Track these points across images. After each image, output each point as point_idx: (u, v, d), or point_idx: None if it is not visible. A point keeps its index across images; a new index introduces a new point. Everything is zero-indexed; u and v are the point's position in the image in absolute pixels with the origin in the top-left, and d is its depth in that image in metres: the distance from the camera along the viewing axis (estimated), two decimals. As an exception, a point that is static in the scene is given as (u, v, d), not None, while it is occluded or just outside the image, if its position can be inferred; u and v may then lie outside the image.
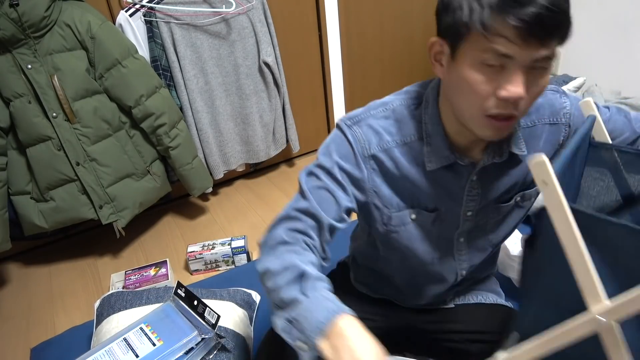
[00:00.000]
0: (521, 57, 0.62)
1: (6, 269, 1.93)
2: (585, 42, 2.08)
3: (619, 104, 1.75)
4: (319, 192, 0.79)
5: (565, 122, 0.84)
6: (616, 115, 0.87)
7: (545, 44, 0.62)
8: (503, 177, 0.84)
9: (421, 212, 0.86)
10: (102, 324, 1.30)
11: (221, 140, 2.12)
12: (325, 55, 2.37)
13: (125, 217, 1.79)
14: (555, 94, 0.85)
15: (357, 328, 0.63)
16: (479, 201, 0.86)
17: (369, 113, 0.82)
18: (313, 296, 0.67)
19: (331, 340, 0.62)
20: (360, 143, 0.80)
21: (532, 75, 0.65)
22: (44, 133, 1.61)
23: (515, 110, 0.67)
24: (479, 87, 0.66)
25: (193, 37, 1.90)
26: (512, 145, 0.80)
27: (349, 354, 0.60)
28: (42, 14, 1.50)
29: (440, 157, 0.79)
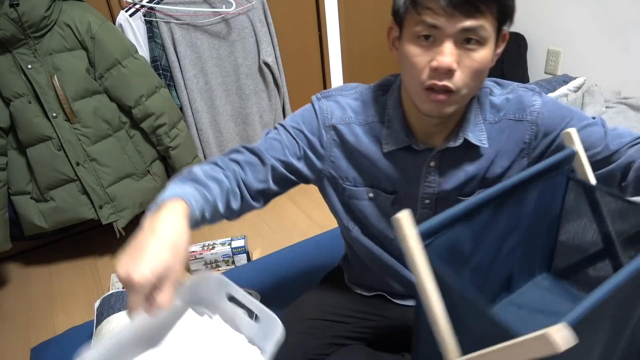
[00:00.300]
0: (448, 27, 0.68)
1: (6, 269, 1.93)
2: (585, 42, 2.08)
3: (619, 104, 1.75)
4: (272, 142, 0.86)
5: (531, 120, 0.83)
6: (595, 126, 0.82)
7: (470, 15, 0.67)
8: (461, 167, 0.85)
9: (379, 192, 0.89)
10: (102, 324, 1.30)
11: (221, 140, 2.12)
12: (325, 55, 2.37)
13: (125, 217, 1.79)
14: (528, 92, 0.84)
15: (172, 214, 0.64)
16: (436, 189, 0.87)
17: (340, 92, 0.90)
18: (174, 181, 0.74)
19: (145, 221, 0.65)
20: (323, 113, 0.87)
21: (464, 49, 0.70)
22: (44, 133, 1.61)
23: (450, 82, 0.71)
24: (416, 60, 0.72)
25: (193, 37, 1.90)
26: (468, 132, 0.82)
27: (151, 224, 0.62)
28: (42, 14, 1.50)
29: (396, 139, 0.84)
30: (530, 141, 0.84)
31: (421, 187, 0.87)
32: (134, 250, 0.59)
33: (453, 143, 0.82)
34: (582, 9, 2.05)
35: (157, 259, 0.57)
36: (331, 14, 2.31)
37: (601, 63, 2.05)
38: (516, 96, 0.84)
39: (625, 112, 1.72)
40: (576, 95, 1.84)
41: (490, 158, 0.85)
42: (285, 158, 0.86)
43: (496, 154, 0.85)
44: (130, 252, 0.59)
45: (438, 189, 0.87)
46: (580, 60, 2.14)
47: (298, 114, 0.90)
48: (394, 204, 0.90)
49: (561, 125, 0.82)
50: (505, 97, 0.85)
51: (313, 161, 0.89)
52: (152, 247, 0.58)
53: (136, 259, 0.57)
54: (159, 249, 0.59)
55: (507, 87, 0.86)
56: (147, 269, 0.56)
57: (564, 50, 2.19)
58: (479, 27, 0.68)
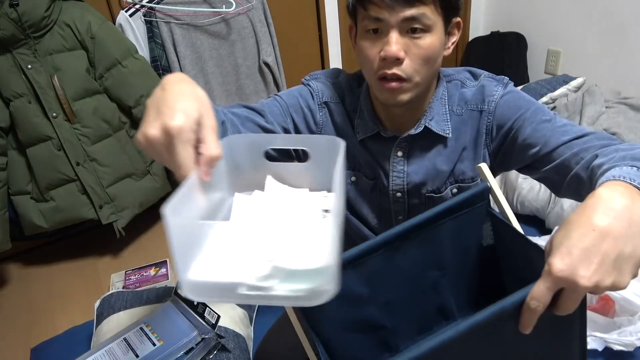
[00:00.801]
0: (390, 18, 0.71)
1: (6, 269, 1.93)
2: (585, 42, 2.08)
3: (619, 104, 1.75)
4: (272, 107, 0.86)
5: (488, 110, 0.81)
6: (546, 123, 0.76)
7: (410, 4, 0.70)
8: (428, 157, 0.86)
9: (361, 177, 0.92)
10: (102, 324, 1.30)
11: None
12: (325, 55, 2.37)
13: (125, 217, 1.79)
14: (492, 82, 0.83)
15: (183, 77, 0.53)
16: (404, 179, 0.88)
17: (326, 76, 0.93)
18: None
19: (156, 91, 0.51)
20: (315, 91, 0.90)
21: (410, 38, 0.73)
22: (44, 133, 1.61)
23: (399, 71, 0.74)
24: (368, 52, 0.76)
25: (193, 37, 1.90)
26: (431, 121, 0.83)
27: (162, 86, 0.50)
28: (42, 14, 1.50)
29: (366, 128, 0.87)
30: (487, 132, 0.83)
31: (390, 177, 0.88)
32: (152, 111, 0.47)
33: (414, 130, 0.83)
34: (582, 9, 2.05)
35: (186, 104, 0.47)
36: (331, 14, 2.31)
37: (601, 63, 2.05)
38: (480, 86, 0.83)
39: (625, 112, 1.72)
40: (576, 95, 1.84)
41: (458, 151, 0.85)
42: (284, 124, 0.86)
43: (463, 147, 0.85)
44: (149, 115, 0.47)
45: (407, 180, 0.88)
46: (580, 60, 2.14)
47: (293, 89, 0.91)
48: (374, 191, 0.92)
49: (514, 116, 0.79)
50: (474, 89, 0.84)
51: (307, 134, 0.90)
52: (174, 98, 0.48)
53: (162, 112, 0.46)
54: (183, 98, 0.48)
55: (478, 79, 0.85)
56: (180, 113, 0.46)
57: (564, 50, 2.19)
58: (420, 15, 0.71)
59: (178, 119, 0.45)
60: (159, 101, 0.48)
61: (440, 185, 0.88)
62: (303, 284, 0.43)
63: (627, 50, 1.94)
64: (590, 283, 0.45)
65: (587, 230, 0.47)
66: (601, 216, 0.47)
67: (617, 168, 0.56)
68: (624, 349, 1.08)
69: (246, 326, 1.30)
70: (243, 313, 1.33)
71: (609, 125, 1.66)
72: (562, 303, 0.47)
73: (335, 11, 2.32)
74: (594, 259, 0.45)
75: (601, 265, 0.45)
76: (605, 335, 1.10)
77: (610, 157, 0.62)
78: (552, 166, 0.74)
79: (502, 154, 0.84)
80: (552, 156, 0.74)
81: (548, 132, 0.75)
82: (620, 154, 0.61)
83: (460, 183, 0.88)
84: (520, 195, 1.66)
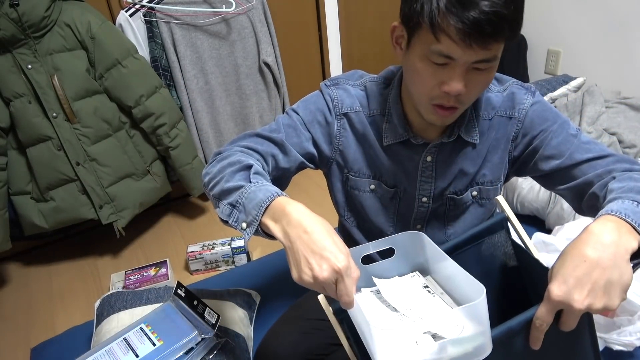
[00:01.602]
0: (462, 58, 0.67)
1: (6, 269, 1.93)
2: (585, 42, 2.08)
3: (619, 104, 1.75)
4: (288, 129, 0.85)
5: (518, 117, 0.84)
6: (572, 137, 0.81)
7: (486, 47, 0.65)
8: (455, 162, 0.87)
9: (381, 185, 0.90)
10: (102, 323, 1.30)
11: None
12: (325, 55, 2.37)
13: (125, 217, 1.79)
14: (522, 90, 0.85)
15: (297, 205, 0.63)
16: (432, 184, 0.88)
17: (347, 80, 0.89)
18: (256, 182, 0.70)
19: (275, 216, 0.64)
20: (334, 101, 0.87)
21: (474, 73, 0.70)
22: (44, 133, 1.61)
23: (458, 103, 0.73)
24: (426, 79, 0.72)
25: (193, 37, 1.90)
26: (462, 129, 0.84)
27: (297, 226, 0.60)
28: (42, 14, 1.50)
29: (396, 133, 0.85)
30: (514, 138, 0.85)
31: (418, 182, 0.88)
32: (308, 254, 0.58)
33: (447, 138, 0.84)
34: (582, 9, 2.05)
35: (336, 244, 0.58)
36: (331, 14, 2.31)
37: (601, 63, 2.05)
38: (509, 93, 0.85)
39: (625, 112, 1.72)
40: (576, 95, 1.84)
41: (483, 155, 0.87)
42: (303, 146, 0.86)
43: (487, 150, 0.87)
44: (307, 257, 0.58)
45: (435, 184, 0.88)
46: (580, 60, 2.14)
47: (309, 100, 0.89)
48: (394, 199, 0.91)
49: (542, 127, 0.83)
50: (501, 95, 0.86)
51: (324, 148, 0.89)
52: (324, 240, 0.58)
53: (324, 256, 0.57)
54: (329, 236, 0.59)
55: (504, 83, 0.87)
56: (341, 255, 0.57)
57: (564, 50, 2.19)
58: (492, 57, 0.68)
59: (342, 260, 0.56)
60: (311, 245, 0.58)
61: (463, 187, 0.89)
62: (467, 344, 0.54)
63: (627, 50, 1.94)
64: (584, 306, 0.54)
65: (579, 261, 0.55)
66: (591, 250, 0.55)
67: (619, 201, 0.63)
68: (624, 349, 1.08)
69: (246, 326, 1.30)
70: (243, 313, 1.33)
71: (609, 125, 1.66)
72: (564, 321, 0.57)
73: (335, 11, 2.32)
74: (586, 285, 0.54)
75: (592, 290, 0.54)
76: (605, 335, 1.10)
77: (623, 185, 0.69)
78: (574, 184, 0.80)
79: (521, 161, 0.87)
80: (574, 172, 0.80)
81: (573, 146, 0.80)
82: (630, 185, 0.67)
83: (481, 186, 0.89)
84: (520, 195, 1.66)
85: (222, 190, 0.71)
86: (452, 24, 0.63)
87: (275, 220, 0.64)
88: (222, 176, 0.73)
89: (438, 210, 0.92)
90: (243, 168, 0.73)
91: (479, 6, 0.62)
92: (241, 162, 0.74)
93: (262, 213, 0.65)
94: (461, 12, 0.63)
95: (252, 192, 0.67)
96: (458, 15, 0.63)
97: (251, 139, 0.84)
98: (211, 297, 1.34)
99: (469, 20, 0.62)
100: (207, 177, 0.77)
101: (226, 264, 1.77)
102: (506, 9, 0.63)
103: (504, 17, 0.63)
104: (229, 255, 1.75)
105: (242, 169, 0.73)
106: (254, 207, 0.66)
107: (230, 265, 1.77)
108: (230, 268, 1.77)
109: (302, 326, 1.02)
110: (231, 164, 0.74)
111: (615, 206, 0.61)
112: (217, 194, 0.73)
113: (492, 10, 0.62)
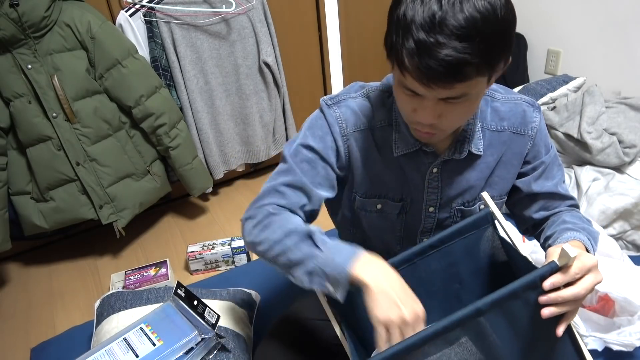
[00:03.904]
0: (428, 95, 0.67)
1: (6, 269, 1.93)
2: (585, 42, 2.08)
3: (619, 104, 1.74)
4: (303, 165, 0.83)
5: (531, 135, 0.86)
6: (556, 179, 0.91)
7: (448, 87, 0.65)
8: (462, 175, 0.87)
9: (388, 202, 0.89)
10: (102, 323, 1.30)
11: (221, 140, 2.12)
12: (325, 55, 2.37)
13: (125, 217, 1.79)
14: (530, 107, 0.87)
15: (376, 261, 0.71)
16: (439, 195, 0.88)
17: (348, 95, 0.87)
18: (326, 248, 0.73)
19: (360, 274, 0.68)
20: (338, 122, 0.84)
21: (447, 105, 0.69)
22: (44, 133, 1.61)
23: (434, 130, 0.74)
24: (403, 104, 0.74)
25: (193, 37, 1.90)
26: (472, 144, 0.84)
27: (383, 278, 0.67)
28: (42, 14, 1.50)
29: (407, 143, 0.84)
30: (526, 154, 0.88)
31: (425, 192, 0.88)
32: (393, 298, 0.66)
33: (459, 155, 0.84)
34: (582, 9, 2.04)
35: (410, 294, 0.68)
36: (331, 14, 2.31)
37: (601, 63, 2.05)
38: (521, 110, 0.86)
39: (625, 112, 1.72)
40: (576, 95, 1.84)
41: (491, 167, 0.87)
42: (324, 181, 0.85)
43: (497, 163, 0.87)
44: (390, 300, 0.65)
45: (441, 194, 0.88)
46: (580, 60, 2.14)
47: (314, 126, 0.86)
48: (400, 213, 0.91)
49: (541, 156, 0.89)
50: (509, 106, 0.86)
51: (338, 173, 0.88)
52: (403, 290, 0.67)
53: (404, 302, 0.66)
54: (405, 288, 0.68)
55: (509, 94, 0.87)
56: (416, 304, 0.67)
57: (564, 50, 2.19)
58: (460, 94, 0.67)
59: (418, 307, 0.66)
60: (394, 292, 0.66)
61: (471, 199, 0.89)
62: None
63: (627, 50, 1.94)
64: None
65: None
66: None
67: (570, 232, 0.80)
68: (624, 349, 1.08)
69: (246, 326, 1.30)
70: (243, 313, 1.33)
71: (609, 125, 1.66)
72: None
73: (335, 11, 2.32)
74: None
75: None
76: (605, 335, 1.10)
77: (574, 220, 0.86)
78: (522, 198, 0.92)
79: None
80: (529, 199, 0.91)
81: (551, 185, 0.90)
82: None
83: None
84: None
85: (292, 262, 0.75)
86: (411, 68, 0.64)
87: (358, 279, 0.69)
88: (282, 249, 0.76)
89: (445, 222, 0.92)
90: (303, 237, 0.75)
91: (439, 55, 0.61)
92: (297, 230, 0.76)
93: (346, 281, 0.70)
94: (419, 59, 0.63)
95: (328, 260, 0.72)
96: (416, 61, 0.63)
97: (273, 197, 0.83)
98: (211, 297, 1.34)
99: (426, 68, 0.63)
100: (261, 246, 0.79)
101: (226, 264, 1.77)
102: (471, 54, 0.61)
103: (466, 61, 0.62)
104: (229, 255, 1.75)
105: (303, 238, 0.75)
106: (336, 277, 0.70)
107: (230, 265, 1.77)
108: (230, 268, 1.77)
109: (302, 326, 1.02)
110: (287, 234, 0.76)
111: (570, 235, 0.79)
112: (284, 264, 0.76)
113: (452, 59, 0.61)
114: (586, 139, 1.62)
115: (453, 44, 0.61)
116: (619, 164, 1.62)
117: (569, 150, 1.73)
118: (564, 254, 0.63)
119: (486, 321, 0.64)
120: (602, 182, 1.60)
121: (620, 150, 1.60)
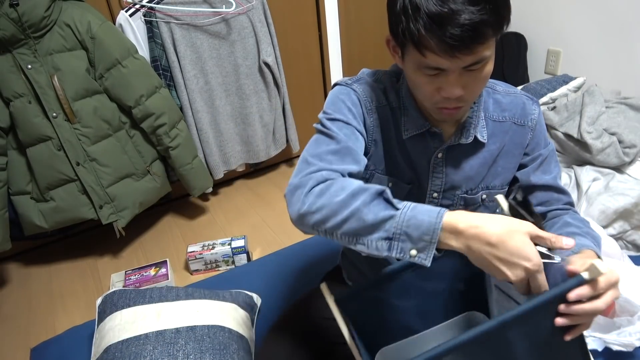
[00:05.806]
0: (452, 67, 0.69)
1: (6, 269, 1.93)
2: (585, 42, 2.08)
3: (619, 104, 1.74)
4: (346, 131, 0.80)
5: (531, 126, 0.89)
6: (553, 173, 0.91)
7: (472, 53, 0.67)
8: (466, 162, 0.88)
9: (398, 182, 0.90)
10: (105, 320, 1.29)
11: (221, 140, 2.12)
12: (325, 55, 2.37)
13: (125, 217, 1.79)
14: (529, 100, 0.90)
15: (466, 218, 0.62)
16: (443, 180, 0.89)
17: (366, 77, 0.89)
18: (403, 206, 0.65)
19: (449, 236, 0.63)
20: (363, 97, 0.85)
21: (470, 74, 0.71)
22: (44, 133, 1.61)
23: (461, 103, 0.75)
24: (424, 88, 0.74)
25: (193, 37, 1.90)
26: (477, 130, 0.86)
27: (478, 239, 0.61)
28: (42, 14, 1.50)
29: (416, 125, 0.85)
30: (527, 145, 0.90)
31: (430, 178, 0.89)
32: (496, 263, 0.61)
33: (465, 140, 0.86)
34: (582, 9, 2.04)
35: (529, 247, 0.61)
36: (331, 14, 2.31)
37: (601, 63, 2.05)
38: (521, 102, 0.89)
39: (625, 112, 1.72)
40: (576, 95, 1.84)
41: (494, 155, 0.89)
42: (362, 150, 0.82)
43: (499, 152, 0.89)
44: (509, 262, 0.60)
45: (445, 180, 0.89)
46: (580, 60, 2.14)
47: (339, 99, 0.83)
48: (407, 197, 0.91)
49: (540, 148, 0.90)
50: (510, 98, 0.89)
51: (367, 146, 0.87)
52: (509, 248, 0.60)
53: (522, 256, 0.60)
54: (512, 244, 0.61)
55: (509, 88, 0.91)
56: (533, 255, 0.60)
57: (564, 50, 2.19)
58: (481, 58, 0.69)
59: (536, 258, 0.60)
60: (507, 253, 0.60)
61: (474, 187, 0.91)
62: None
63: (627, 50, 1.94)
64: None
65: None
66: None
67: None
68: (624, 349, 1.08)
69: (248, 328, 1.30)
70: (246, 315, 1.33)
71: (609, 125, 1.66)
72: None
73: (335, 11, 2.32)
74: None
75: None
76: (604, 335, 1.10)
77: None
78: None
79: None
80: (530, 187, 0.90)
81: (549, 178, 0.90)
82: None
83: (490, 190, 0.91)
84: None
85: (365, 225, 0.65)
86: (434, 42, 0.66)
87: (451, 238, 0.63)
88: (351, 211, 0.65)
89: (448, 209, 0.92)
90: (374, 196, 0.66)
91: (458, 21, 0.64)
92: (365, 188, 0.67)
93: (437, 238, 0.62)
94: (440, 31, 0.64)
95: (412, 218, 0.63)
96: (438, 34, 0.65)
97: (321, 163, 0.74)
98: (213, 298, 1.34)
99: (449, 37, 0.64)
100: (319, 214, 0.67)
101: (226, 264, 1.77)
102: (486, 14, 0.64)
103: (485, 22, 0.65)
104: (229, 255, 1.75)
105: (374, 196, 0.66)
106: (424, 234, 0.62)
107: (230, 265, 1.77)
108: (230, 268, 1.77)
109: (302, 326, 1.02)
110: (353, 194, 0.66)
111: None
112: (353, 231, 0.66)
113: (471, 22, 0.64)
114: (586, 138, 1.62)
115: (469, 8, 0.64)
116: (619, 164, 1.62)
117: (569, 150, 1.73)
118: (594, 270, 0.61)
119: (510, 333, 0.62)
120: (602, 182, 1.60)
121: (620, 150, 1.60)
